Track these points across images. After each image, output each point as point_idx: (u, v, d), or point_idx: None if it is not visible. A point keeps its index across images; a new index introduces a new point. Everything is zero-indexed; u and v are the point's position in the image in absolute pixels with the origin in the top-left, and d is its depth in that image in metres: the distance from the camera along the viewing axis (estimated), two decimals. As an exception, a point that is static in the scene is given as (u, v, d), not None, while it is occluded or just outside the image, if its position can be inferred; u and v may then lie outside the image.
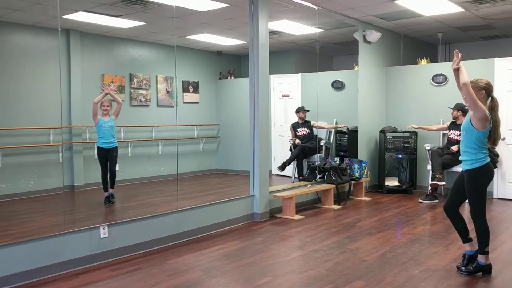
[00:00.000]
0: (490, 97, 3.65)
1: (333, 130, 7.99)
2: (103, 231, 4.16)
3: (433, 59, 8.91)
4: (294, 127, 7.71)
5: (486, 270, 3.71)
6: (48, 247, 3.80)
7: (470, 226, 3.80)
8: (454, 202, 3.82)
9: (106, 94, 5.97)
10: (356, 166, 7.11)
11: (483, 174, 3.61)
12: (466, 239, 3.79)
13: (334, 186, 6.66)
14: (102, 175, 5.97)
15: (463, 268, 3.77)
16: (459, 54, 3.62)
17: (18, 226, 4.92)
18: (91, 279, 3.73)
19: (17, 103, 6.53)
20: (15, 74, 6.50)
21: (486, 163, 3.59)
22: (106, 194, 5.94)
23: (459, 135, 6.84)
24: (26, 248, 3.68)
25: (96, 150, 6.02)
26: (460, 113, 6.92)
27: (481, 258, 3.70)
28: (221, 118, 9.67)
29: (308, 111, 7.63)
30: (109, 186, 5.97)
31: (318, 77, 7.37)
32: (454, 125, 7.05)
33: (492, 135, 3.63)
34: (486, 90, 3.62)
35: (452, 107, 6.97)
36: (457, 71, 3.63)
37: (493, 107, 3.63)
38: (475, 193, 3.64)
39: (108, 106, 5.98)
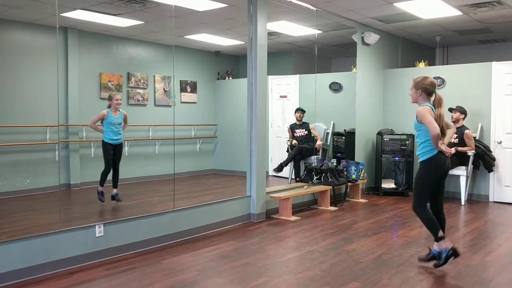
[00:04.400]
0: (434, 94, 3.83)
1: (330, 132, 8.00)
2: (99, 230, 4.15)
3: (431, 62, 8.92)
4: (292, 128, 7.71)
5: (453, 253, 3.78)
6: (42, 246, 3.78)
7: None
8: (433, 202, 3.94)
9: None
10: (353, 168, 7.11)
11: (433, 165, 3.80)
12: (438, 237, 3.87)
13: (330, 187, 6.66)
14: (105, 171, 5.79)
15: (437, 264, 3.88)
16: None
17: (13, 224, 4.90)
18: (85, 278, 3.71)
19: (14, 101, 6.51)
20: (12, 71, 6.48)
21: (436, 153, 3.76)
22: (101, 188, 5.80)
23: (456, 137, 6.87)
24: (21, 246, 3.66)
25: (102, 146, 5.84)
26: (462, 116, 6.93)
27: (435, 246, 3.84)
28: (218, 118, 9.67)
29: (304, 111, 7.62)
30: (112, 186, 5.86)
31: (316, 78, 7.37)
32: (451, 128, 7.05)
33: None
34: (422, 90, 3.80)
35: (454, 107, 6.97)
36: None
37: (436, 103, 3.81)
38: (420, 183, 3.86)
39: (121, 100, 5.91)
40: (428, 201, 3.90)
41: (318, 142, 7.47)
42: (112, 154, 5.82)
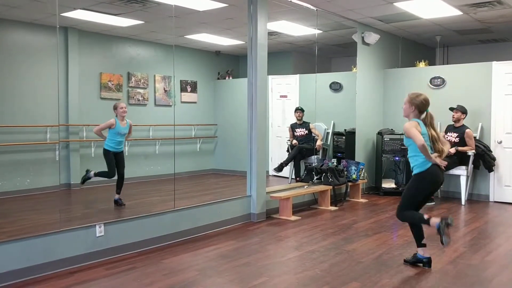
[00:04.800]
0: (425, 113, 3.87)
1: (330, 131, 8.00)
2: (99, 230, 4.15)
3: (431, 62, 8.92)
4: (293, 127, 7.72)
5: (427, 263, 3.91)
6: (43, 245, 3.78)
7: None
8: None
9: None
10: (353, 167, 7.11)
11: (427, 181, 3.80)
12: (420, 243, 3.97)
13: (331, 187, 6.66)
14: (108, 176, 5.73)
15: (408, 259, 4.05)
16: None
17: (13, 224, 4.90)
18: (86, 277, 3.71)
19: (14, 100, 6.51)
20: (13, 71, 6.47)
21: (430, 167, 3.75)
22: (118, 196, 5.77)
23: (457, 136, 6.87)
24: (21, 246, 3.66)
25: (104, 155, 5.76)
26: (463, 115, 6.92)
27: (420, 251, 3.94)
28: (218, 118, 9.66)
29: (303, 110, 7.63)
30: (116, 191, 5.80)
31: (316, 78, 7.37)
32: (452, 128, 7.05)
33: (435, 147, 3.80)
34: (416, 107, 3.86)
35: (454, 107, 6.97)
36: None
37: (427, 123, 3.85)
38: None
39: (126, 107, 5.83)
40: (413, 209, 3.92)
41: (318, 142, 7.47)
42: (115, 159, 5.76)
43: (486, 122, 7.17)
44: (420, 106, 3.84)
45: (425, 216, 3.80)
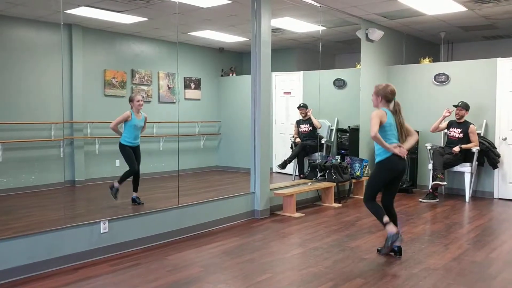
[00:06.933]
0: (393, 102, 4.12)
1: (334, 128, 7.99)
2: (104, 226, 4.17)
3: (436, 59, 8.89)
4: (298, 123, 7.74)
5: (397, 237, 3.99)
6: (48, 242, 3.80)
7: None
8: (384, 197, 4.25)
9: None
10: (357, 164, 7.11)
11: (386, 168, 4.06)
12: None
13: (334, 184, 6.66)
14: (130, 172, 5.48)
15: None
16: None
17: (18, 220, 4.93)
18: (90, 273, 3.73)
19: (19, 97, 6.54)
20: (17, 68, 6.50)
21: (390, 156, 3.99)
22: (117, 185, 5.52)
23: (461, 132, 6.86)
24: (26, 242, 3.68)
25: (121, 149, 5.51)
26: (466, 113, 6.90)
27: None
28: (222, 115, 9.67)
29: (306, 106, 7.62)
30: (132, 189, 5.61)
31: (320, 75, 7.36)
32: (455, 123, 7.03)
33: (399, 132, 4.10)
34: (382, 97, 4.11)
35: (458, 104, 6.94)
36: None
37: (394, 112, 4.11)
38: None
39: (142, 101, 5.56)
40: (376, 196, 4.15)
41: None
42: (134, 154, 5.57)
43: (491, 119, 7.15)
44: (386, 97, 4.07)
45: (384, 219, 3.99)
